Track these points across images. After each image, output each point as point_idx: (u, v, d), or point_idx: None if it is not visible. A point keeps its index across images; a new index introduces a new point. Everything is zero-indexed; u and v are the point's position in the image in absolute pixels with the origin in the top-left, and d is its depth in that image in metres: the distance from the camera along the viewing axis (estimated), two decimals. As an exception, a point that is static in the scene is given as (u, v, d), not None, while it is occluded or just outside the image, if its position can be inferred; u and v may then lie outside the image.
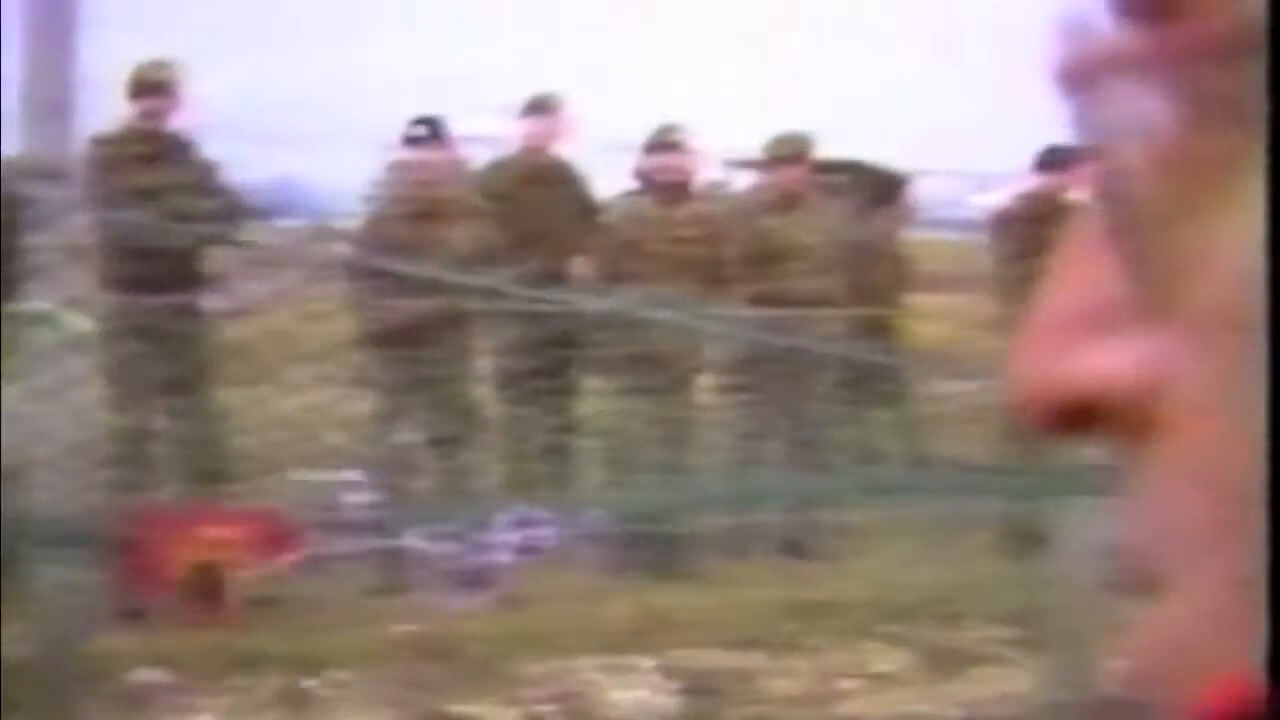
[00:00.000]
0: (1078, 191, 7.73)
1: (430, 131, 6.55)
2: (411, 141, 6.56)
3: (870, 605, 5.72)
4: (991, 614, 5.49)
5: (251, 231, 7.02)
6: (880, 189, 9.80)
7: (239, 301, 7.37)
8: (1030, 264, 7.56)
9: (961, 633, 5.52)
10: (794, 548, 6.69)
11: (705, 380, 7.30)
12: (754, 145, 7.73)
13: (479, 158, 7.20)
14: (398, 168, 6.59)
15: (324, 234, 9.45)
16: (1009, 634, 5.32)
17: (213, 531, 3.99)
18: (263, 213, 8.41)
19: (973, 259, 9.15)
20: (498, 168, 7.10)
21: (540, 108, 7.10)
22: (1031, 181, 7.90)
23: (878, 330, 8.09)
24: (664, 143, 6.94)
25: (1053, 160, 7.72)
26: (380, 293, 6.31)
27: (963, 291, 9.34)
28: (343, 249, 7.94)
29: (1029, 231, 7.59)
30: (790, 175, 7.25)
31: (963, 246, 10.28)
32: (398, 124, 6.66)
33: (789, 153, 7.26)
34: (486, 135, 7.37)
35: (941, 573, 5.87)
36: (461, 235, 6.46)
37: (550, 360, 6.74)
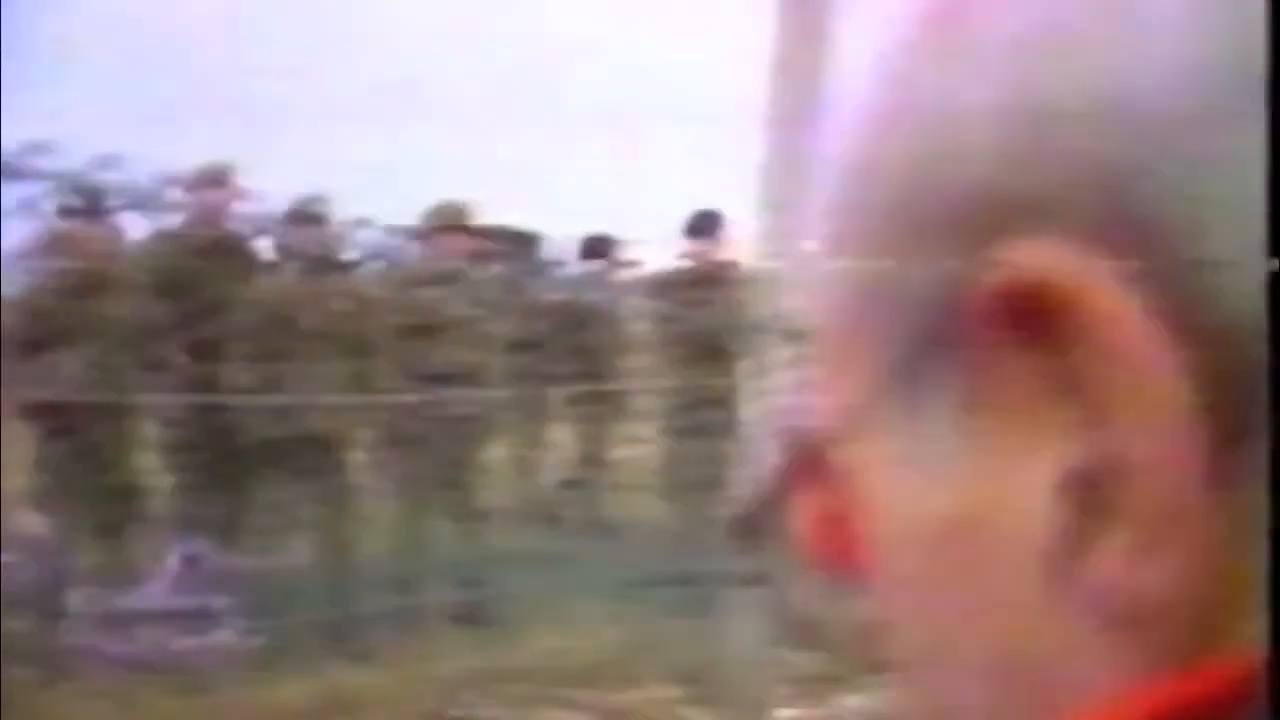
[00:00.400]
0: (726, 255, 8.10)
1: (87, 203, 6.37)
2: (67, 213, 6.36)
3: (548, 670, 5.81)
4: (669, 673, 5.66)
5: None
6: (521, 252, 10.06)
7: None
8: (687, 324, 7.87)
9: (640, 693, 5.67)
10: (469, 618, 6.71)
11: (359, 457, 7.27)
12: (393, 215, 7.84)
13: (135, 230, 7.01)
14: (54, 240, 6.38)
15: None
16: (685, 692, 5.50)
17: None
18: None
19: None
20: (164, 240, 6.96)
21: (213, 179, 6.98)
22: (683, 246, 8.19)
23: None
24: (307, 214, 6.84)
25: (701, 226, 8.11)
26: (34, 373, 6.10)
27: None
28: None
29: (687, 295, 7.92)
30: (450, 244, 7.30)
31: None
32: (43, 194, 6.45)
33: (447, 221, 7.31)
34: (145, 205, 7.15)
35: (622, 633, 6.01)
36: (122, 311, 6.30)
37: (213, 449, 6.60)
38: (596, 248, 9.72)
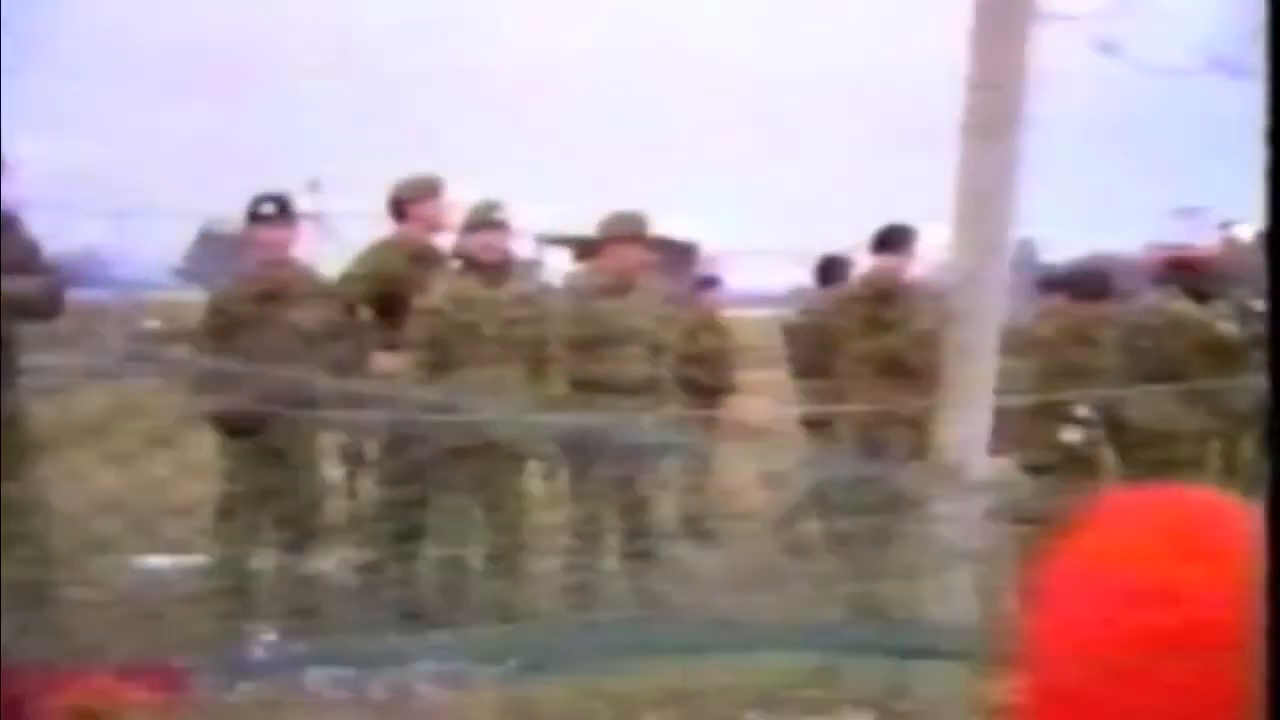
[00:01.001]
0: (912, 271, 7.93)
1: (279, 209, 6.39)
2: (258, 219, 6.39)
3: (734, 691, 5.71)
4: (860, 699, 5.53)
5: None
6: (672, 261, 9.99)
7: (52, 378, 7.08)
8: (869, 343, 7.72)
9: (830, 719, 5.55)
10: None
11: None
12: (564, 222, 7.76)
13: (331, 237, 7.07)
14: (244, 245, 6.42)
15: (135, 308, 9.14)
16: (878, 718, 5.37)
17: (95, 682, 3.79)
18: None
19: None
20: (378, 249, 7.04)
21: (424, 190, 7.06)
22: (869, 261, 8.04)
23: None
24: (486, 221, 6.76)
25: (889, 240, 7.96)
26: (222, 376, 6.12)
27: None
28: (154, 324, 7.71)
29: (867, 311, 7.76)
30: (626, 255, 7.22)
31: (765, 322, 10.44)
32: (208, 197, 6.50)
33: (625, 232, 7.22)
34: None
35: (810, 657, 5.88)
36: (310, 316, 6.32)
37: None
38: (835, 269, 9.31)
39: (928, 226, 8.39)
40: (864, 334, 7.70)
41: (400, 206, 7.17)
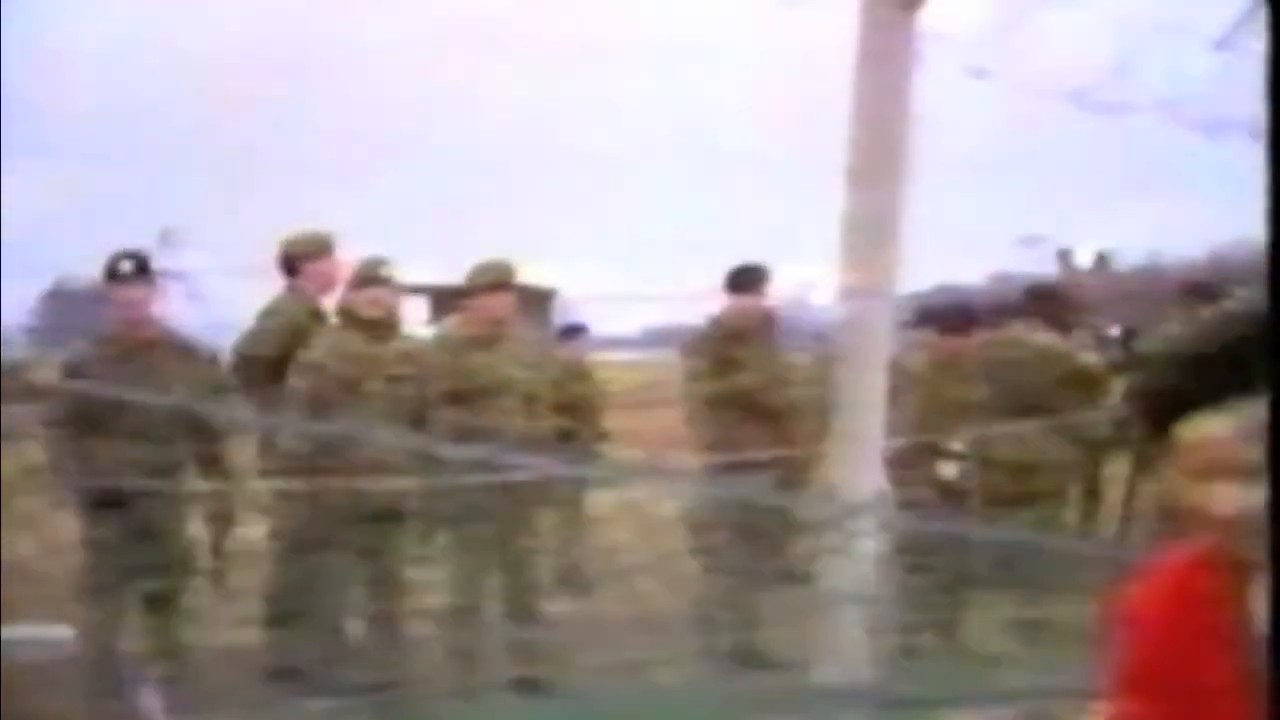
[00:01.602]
0: (766, 311, 7.89)
1: (136, 267, 6.12)
2: (116, 277, 6.10)
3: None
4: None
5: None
6: (532, 308, 9.87)
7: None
8: (722, 382, 7.65)
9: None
10: (531, 686, 6.45)
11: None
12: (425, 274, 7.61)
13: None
14: (101, 304, 6.15)
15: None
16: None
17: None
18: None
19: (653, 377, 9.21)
20: (286, 306, 6.93)
21: (317, 248, 6.93)
22: (724, 301, 7.95)
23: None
24: (373, 277, 6.65)
25: (742, 280, 7.89)
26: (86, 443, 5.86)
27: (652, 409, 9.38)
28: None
29: (721, 350, 7.69)
30: (495, 305, 7.07)
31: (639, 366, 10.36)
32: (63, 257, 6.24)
33: (493, 280, 7.07)
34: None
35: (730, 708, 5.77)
36: (175, 377, 6.07)
37: None
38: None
39: (783, 266, 8.39)
40: (715, 375, 7.64)
41: (292, 263, 7.00)
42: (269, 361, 6.73)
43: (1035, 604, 7.49)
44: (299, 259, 6.98)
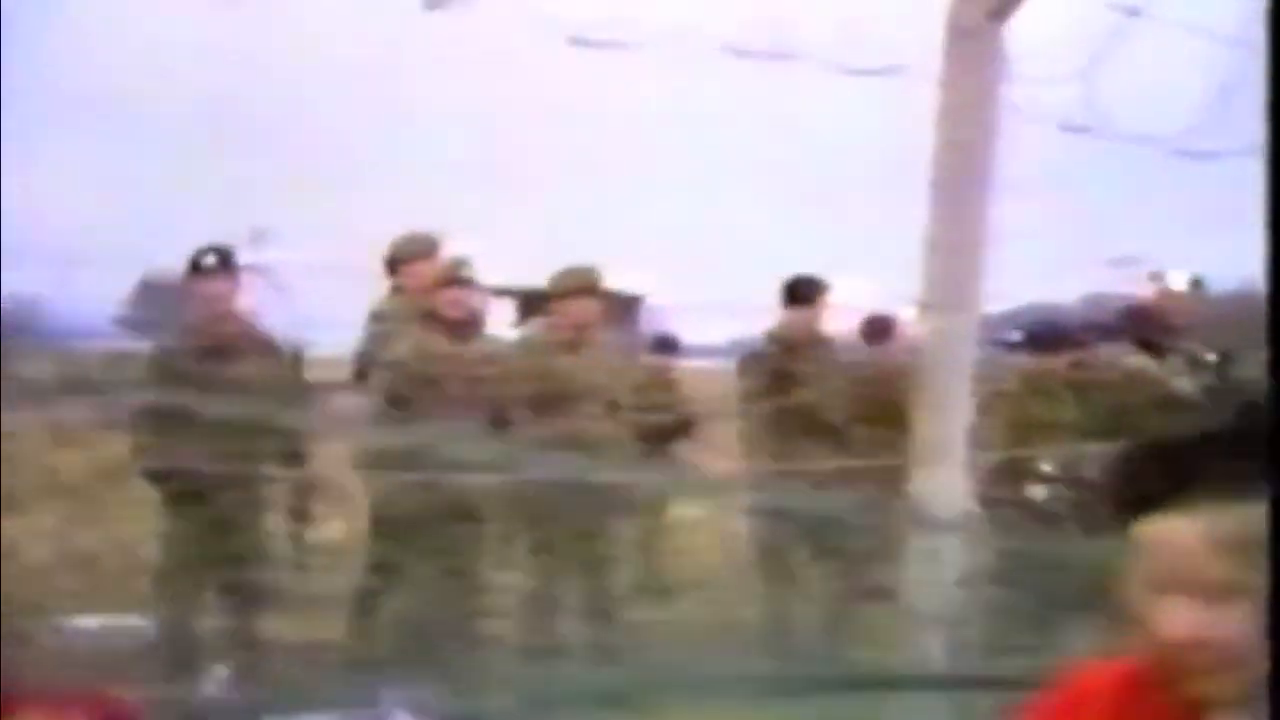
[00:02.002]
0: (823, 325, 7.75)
1: (220, 261, 6.15)
2: (199, 271, 6.14)
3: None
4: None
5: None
6: (618, 314, 9.82)
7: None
8: (779, 396, 7.53)
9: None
10: (608, 698, 6.39)
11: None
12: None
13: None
14: (185, 298, 6.19)
15: (70, 359, 8.84)
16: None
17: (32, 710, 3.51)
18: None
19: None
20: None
21: (422, 249, 6.83)
22: (780, 315, 7.83)
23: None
24: (456, 278, 6.64)
25: (798, 293, 7.72)
26: (164, 430, 5.89)
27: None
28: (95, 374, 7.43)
29: (777, 366, 7.56)
30: (580, 310, 7.03)
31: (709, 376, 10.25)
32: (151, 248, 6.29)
33: (579, 286, 7.05)
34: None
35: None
36: (255, 372, 6.09)
37: None
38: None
39: (840, 279, 8.25)
40: (774, 390, 7.52)
41: (395, 264, 6.88)
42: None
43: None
44: (404, 260, 6.85)
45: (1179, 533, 1.54)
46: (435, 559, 6.34)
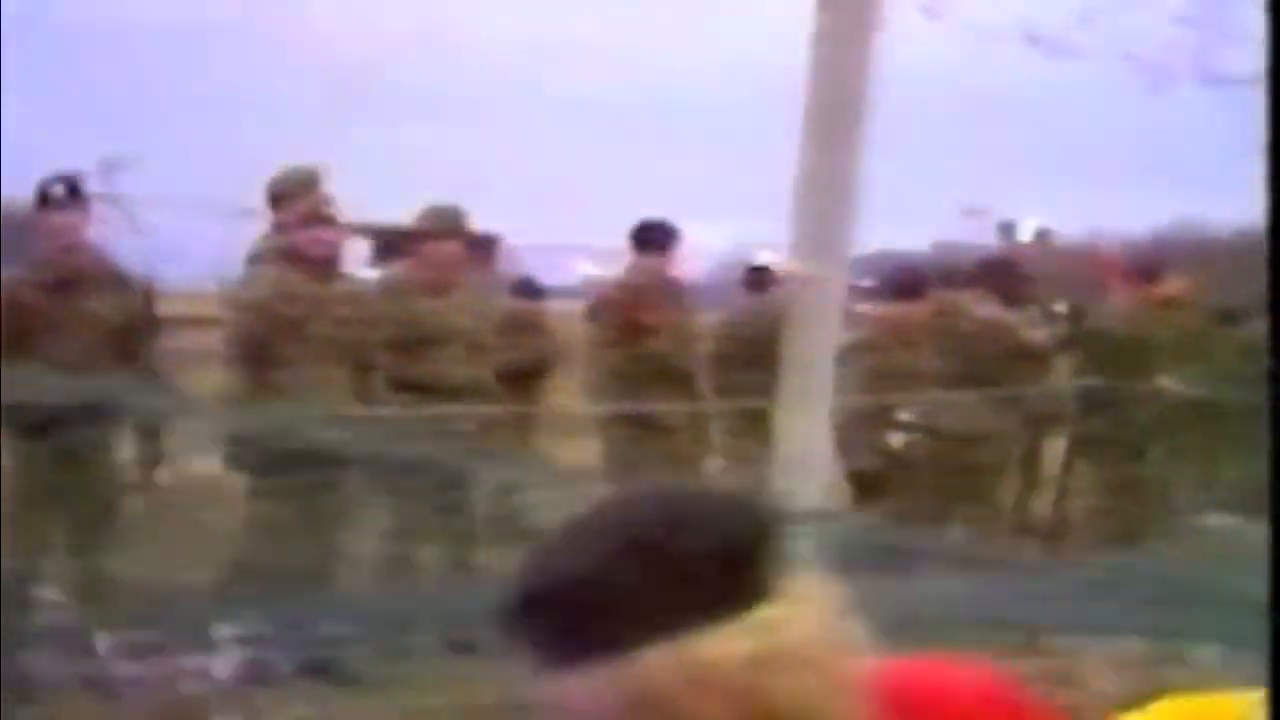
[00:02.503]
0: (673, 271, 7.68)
1: (69, 191, 5.91)
2: (47, 203, 5.89)
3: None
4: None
5: None
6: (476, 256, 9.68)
7: None
8: (628, 345, 7.44)
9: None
10: (462, 647, 6.31)
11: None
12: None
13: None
14: (33, 231, 5.94)
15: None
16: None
17: None
18: None
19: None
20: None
21: (303, 183, 6.50)
22: (628, 260, 7.75)
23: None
24: (319, 215, 6.37)
25: (648, 238, 7.60)
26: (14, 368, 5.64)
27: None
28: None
29: (626, 313, 7.46)
30: (445, 252, 6.90)
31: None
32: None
33: (443, 227, 6.92)
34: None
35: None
36: (107, 307, 5.87)
37: None
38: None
39: (691, 225, 8.22)
40: (623, 338, 7.44)
41: (276, 202, 6.50)
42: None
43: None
44: (285, 196, 6.46)
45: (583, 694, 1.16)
46: (293, 499, 6.18)
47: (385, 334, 6.53)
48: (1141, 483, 8.59)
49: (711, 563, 1.14)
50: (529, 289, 9.64)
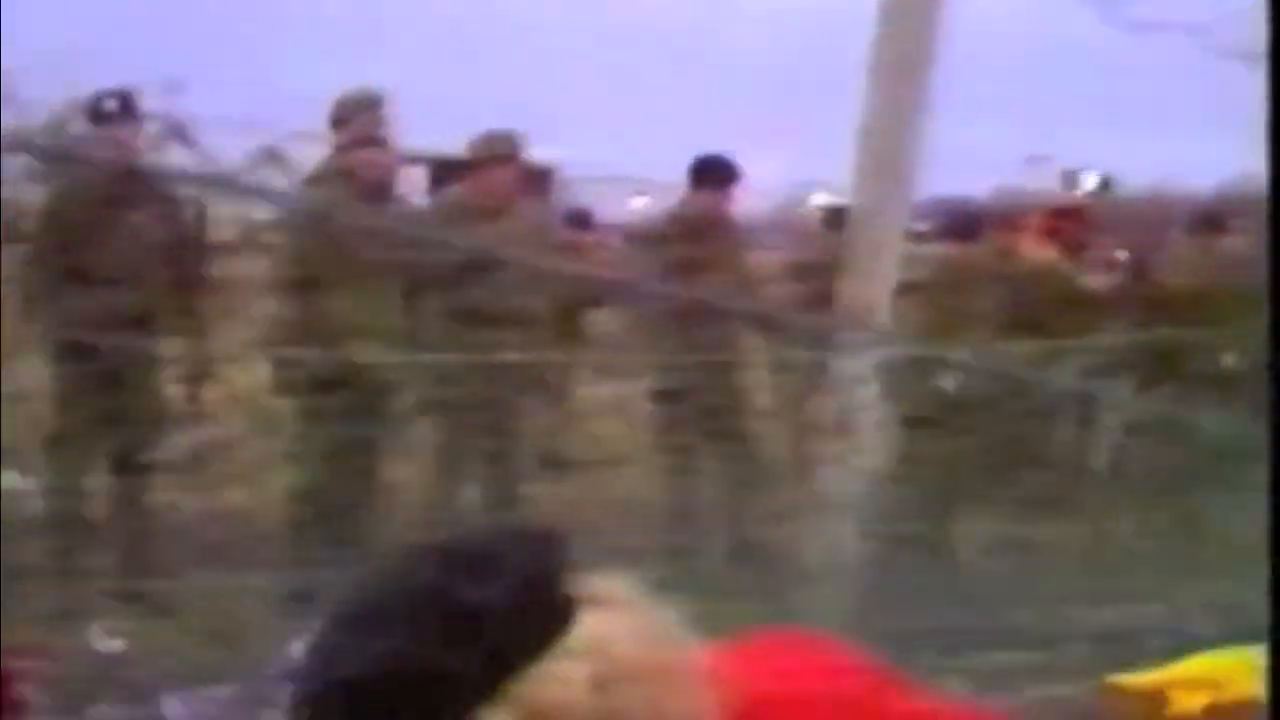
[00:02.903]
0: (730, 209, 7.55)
1: (122, 106, 5.85)
2: (100, 117, 5.84)
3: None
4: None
5: None
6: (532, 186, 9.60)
7: None
8: (682, 279, 7.32)
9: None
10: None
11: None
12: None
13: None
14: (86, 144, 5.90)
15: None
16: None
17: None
18: None
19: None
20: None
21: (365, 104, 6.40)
22: (685, 196, 7.61)
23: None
24: (371, 138, 6.28)
25: (706, 174, 7.44)
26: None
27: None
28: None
29: (681, 248, 7.34)
30: (499, 179, 6.80)
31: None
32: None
33: (499, 154, 6.82)
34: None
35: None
36: (155, 225, 5.84)
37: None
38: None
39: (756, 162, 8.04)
40: (675, 274, 7.32)
41: (338, 123, 6.37)
42: None
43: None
44: (344, 120, 6.33)
45: None
46: (338, 425, 6.14)
47: (438, 259, 6.45)
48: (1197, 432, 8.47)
49: (516, 598, 1.09)
50: (579, 220, 9.55)
